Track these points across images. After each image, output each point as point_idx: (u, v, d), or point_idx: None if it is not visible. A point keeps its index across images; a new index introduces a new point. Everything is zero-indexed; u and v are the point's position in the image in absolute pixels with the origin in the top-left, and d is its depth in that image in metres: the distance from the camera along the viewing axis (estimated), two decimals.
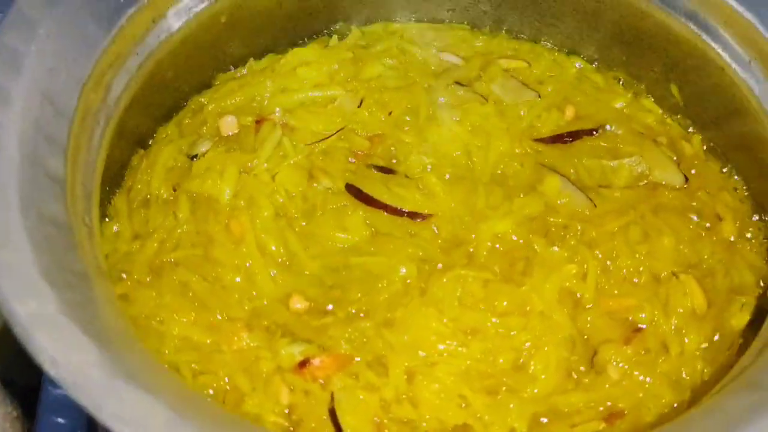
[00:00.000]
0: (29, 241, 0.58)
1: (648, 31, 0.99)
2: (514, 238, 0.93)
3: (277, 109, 1.00)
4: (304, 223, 0.93)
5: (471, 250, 0.92)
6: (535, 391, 0.82)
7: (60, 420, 0.80)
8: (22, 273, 0.56)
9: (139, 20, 0.82)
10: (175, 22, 0.88)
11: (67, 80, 0.72)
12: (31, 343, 0.53)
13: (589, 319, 0.88)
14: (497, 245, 0.93)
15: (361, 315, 0.87)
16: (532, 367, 0.84)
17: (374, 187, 0.96)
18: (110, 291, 0.68)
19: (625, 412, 0.82)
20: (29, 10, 0.72)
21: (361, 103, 1.01)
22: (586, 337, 0.87)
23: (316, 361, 0.82)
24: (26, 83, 0.68)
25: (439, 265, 0.90)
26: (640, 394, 0.82)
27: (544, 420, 0.80)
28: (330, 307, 0.88)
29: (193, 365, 0.83)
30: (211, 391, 0.80)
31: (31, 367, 1.24)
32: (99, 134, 0.77)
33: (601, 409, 0.81)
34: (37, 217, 0.60)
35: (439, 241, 0.93)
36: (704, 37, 0.93)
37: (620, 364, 0.84)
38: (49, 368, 0.52)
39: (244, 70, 1.06)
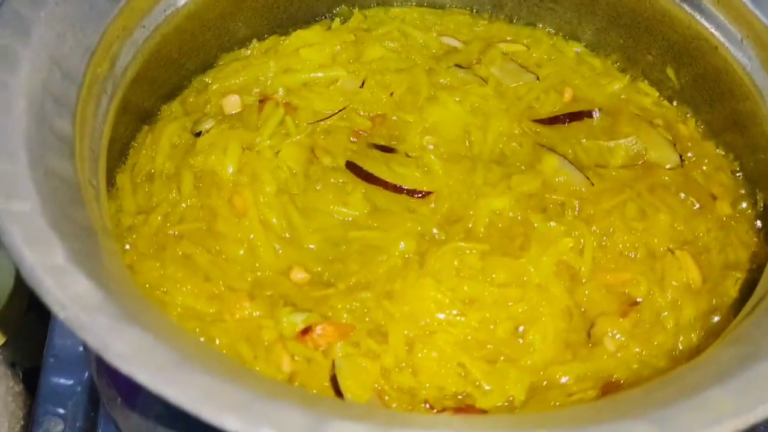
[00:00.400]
0: (37, 192, 0.59)
1: (644, 14, 1.01)
2: (512, 214, 0.94)
3: (280, 88, 1.02)
4: (305, 199, 0.95)
5: (469, 225, 0.94)
6: (535, 357, 0.83)
7: (62, 381, 0.81)
8: (31, 222, 0.57)
9: None
10: None
11: (75, 47, 0.74)
12: (40, 287, 0.54)
13: (586, 292, 0.89)
14: (495, 221, 0.94)
15: (361, 287, 0.88)
16: (530, 338, 0.85)
17: (375, 165, 0.97)
18: (114, 247, 0.69)
19: (621, 382, 0.83)
20: None
21: (363, 84, 1.03)
22: (583, 309, 0.88)
23: (318, 329, 0.83)
24: (34, 47, 0.70)
25: (437, 238, 0.92)
26: (635, 366, 0.83)
27: (542, 387, 0.81)
28: (330, 279, 0.89)
29: (195, 332, 0.84)
30: None
31: (33, 348, 1.25)
32: (106, 102, 0.78)
33: (598, 380, 0.82)
34: (45, 172, 0.61)
35: (438, 216, 0.95)
36: (697, 17, 0.95)
37: (617, 336, 0.85)
38: (58, 311, 0.53)
39: (248, 51, 1.08)
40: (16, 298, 1.20)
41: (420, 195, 0.96)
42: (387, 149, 1.00)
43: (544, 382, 0.82)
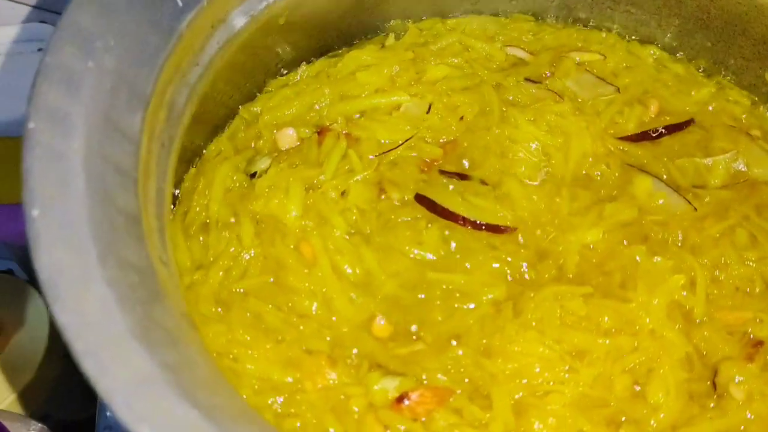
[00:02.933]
0: (113, 293, 0.49)
1: (743, 16, 0.91)
2: (607, 247, 0.85)
3: (339, 118, 0.92)
4: (377, 240, 0.85)
5: (560, 262, 0.85)
6: (660, 417, 0.74)
7: None
8: (111, 334, 0.47)
9: (200, 26, 0.73)
10: (235, 26, 0.79)
11: (129, 99, 0.64)
12: (138, 426, 0.44)
13: (705, 334, 0.80)
14: (588, 256, 0.85)
15: (453, 341, 0.79)
16: (651, 393, 0.76)
17: (448, 196, 0.88)
18: (200, 342, 0.59)
19: None
20: (83, 20, 0.63)
21: (429, 109, 0.93)
22: (704, 353, 0.80)
23: (414, 396, 0.74)
24: (87, 106, 0.59)
25: (527, 279, 0.83)
26: None
27: None
28: (414, 326, 0.80)
29: (276, 409, 0.74)
30: None
31: (69, 401, 1.16)
32: (165, 158, 0.68)
33: None
34: (117, 264, 0.51)
35: (524, 252, 0.86)
36: None
37: (746, 383, 0.76)
38: None
39: (297, 76, 0.98)
40: (54, 352, 1.11)
41: (501, 231, 0.86)
42: (461, 176, 0.90)
43: None
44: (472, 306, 0.81)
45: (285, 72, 0.98)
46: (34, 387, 1.06)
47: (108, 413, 0.90)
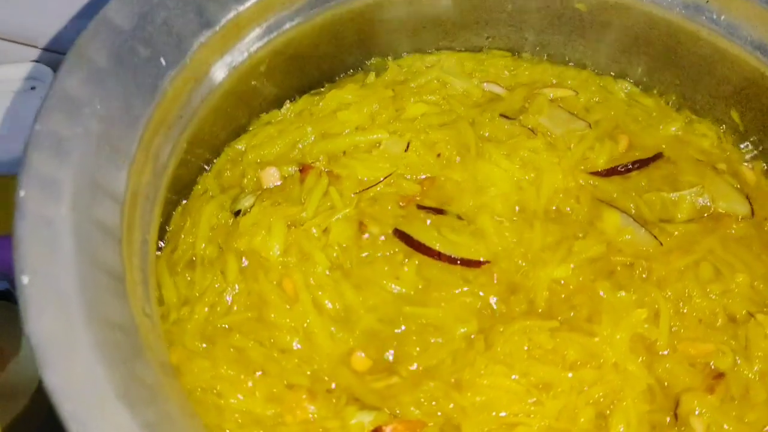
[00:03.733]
0: (99, 357, 0.53)
1: (708, 57, 0.95)
2: (575, 282, 0.89)
3: (321, 156, 0.96)
4: (357, 274, 0.89)
5: (531, 296, 0.88)
6: None
7: None
8: (97, 398, 0.51)
9: (183, 82, 0.77)
10: (217, 78, 0.83)
11: (115, 159, 0.67)
12: None
13: (667, 366, 0.84)
14: (557, 290, 0.89)
15: (427, 374, 0.83)
16: (614, 424, 0.80)
17: (425, 232, 0.91)
18: (181, 395, 0.63)
19: None
20: (71, 86, 0.67)
21: (407, 147, 0.96)
22: (666, 384, 0.83)
23: (388, 430, 0.78)
24: (75, 171, 0.63)
25: (497, 312, 0.87)
26: None
27: None
28: (391, 359, 0.84)
29: None
30: None
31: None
32: (149, 209, 0.72)
33: None
34: (103, 325, 0.55)
35: (495, 285, 0.89)
36: None
37: (706, 415, 0.80)
38: None
39: (280, 115, 1.02)
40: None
41: (475, 266, 0.90)
42: (437, 210, 0.94)
43: None
44: (444, 340, 0.85)
45: (269, 109, 1.02)
46: (30, 413, 1.09)
47: None
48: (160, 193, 0.75)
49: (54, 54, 1.11)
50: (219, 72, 0.83)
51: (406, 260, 0.89)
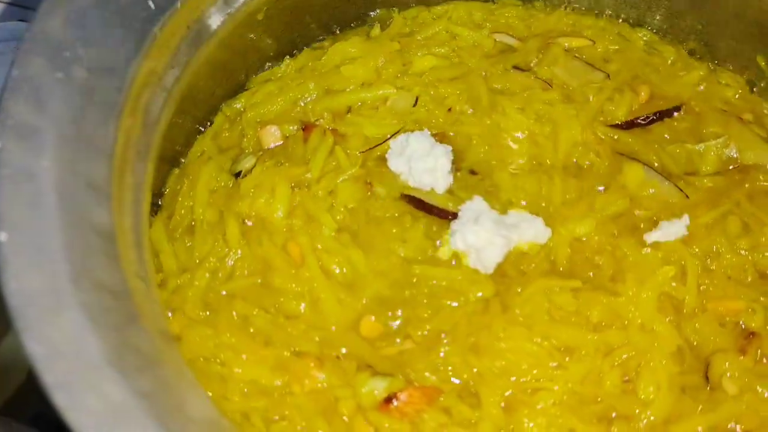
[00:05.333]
0: (87, 319, 0.48)
1: None
2: (597, 239, 0.84)
3: (325, 113, 0.90)
4: (364, 237, 0.84)
5: (551, 256, 0.84)
6: (650, 414, 0.74)
7: None
8: (84, 363, 0.46)
9: (174, 27, 0.71)
10: (211, 25, 0.77)
11: (102, 110, 0.62)
12: None
13: (696, 326, 0.80)
14: (579, 248, 0.84)
15: (443, 338, 0.78)
16: (642, 388, 0.75)
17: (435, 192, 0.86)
18: (180, 362, 0.59)
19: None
20: (51, 29, 0.61)
21: (416, 102, 0.91)
22: (695, 344, 0.79)
23: (402, 397, 0.73)
24: (57, 120, 0.58)
25: (515, 275, 0.82)
26: (766, 412, 0.74)
27: None
28: (402, 324, 0.79)
29: (265, 413, 0.74)
30: None
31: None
32: (141, 167, 0.67)
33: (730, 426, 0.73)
34: (91, 286, 0.50)
35: None
36: None
37: (738, 377, 0.76)
38: None
39: (280, 71, 0.96)
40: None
41: None
42: None
43: None
44: (458, 303, 0.80)
45: (268, 66, 0.97)
46: (27, 387, 1.05)
47: None
48: (152, 150, 0.69)
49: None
50: (214, 19, 0.77)
51: (415, 222, 0.84)
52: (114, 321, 0.50)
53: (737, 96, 0.96)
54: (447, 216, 0.85)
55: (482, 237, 0.81)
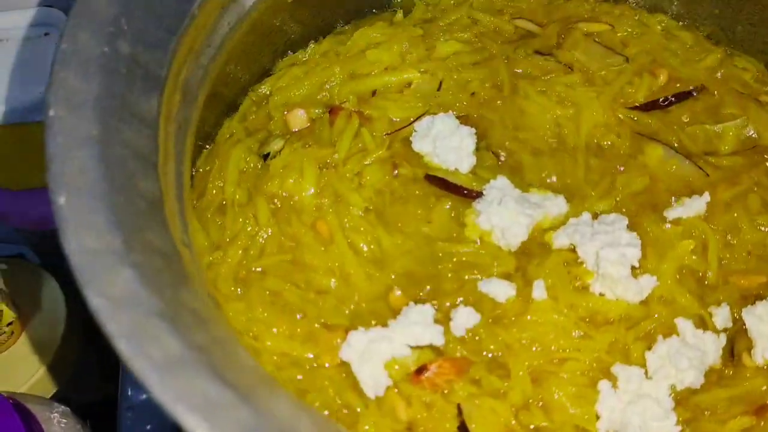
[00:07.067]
0: (140, 278, 0.50)
1: None
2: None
3: (350, 96, 0.92)
4: (391, 216, 0.86)
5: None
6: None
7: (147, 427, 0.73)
8: (141, 317, 0.48)
9: (211, 6, 0.73)
10: (245, 5, 0.79)
11: (145, 83, 0.64)
12: (174, 405, 0.45)
13: (719, 298, 0.81)
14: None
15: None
16: None
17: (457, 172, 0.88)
18: (226, 322, 0.60)
19: None
20: (96, 5, 0.63)
21: (440, 86, 0.93)
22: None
23: (433, 368, 0.75)
24: (104, 91, 0.60)
25: (536, 251, 0.83)
26: None
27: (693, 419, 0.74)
28: (431, 303, 0.80)
29: (297, 384, 0.76)
30: (326, 413, 0.74)
31: (88, 382, 1.18)
32: (182, 140, 0.69)
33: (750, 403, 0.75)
34: (142, 249, 0.52)
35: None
36: None
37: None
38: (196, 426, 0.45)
39: (306, 55, 0.98)
40: (71, 335, 1.13)
41: None
42: None
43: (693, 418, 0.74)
44: (482, 277, 0.82)
45: (293, 50, 0.98)
46: (54, 370, 1.08)
47: (130, 393, 0.92)
48: (191, 125, 0.72)
49: None
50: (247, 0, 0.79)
51: (439, 202, 0.86)
52: (166, 280, 0.52)
53: (754, 79, 0.98)
54: (471, 195, 0.86)
55: (506, 216, 0.83)
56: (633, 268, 0.80)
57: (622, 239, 0.80)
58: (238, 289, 0.81)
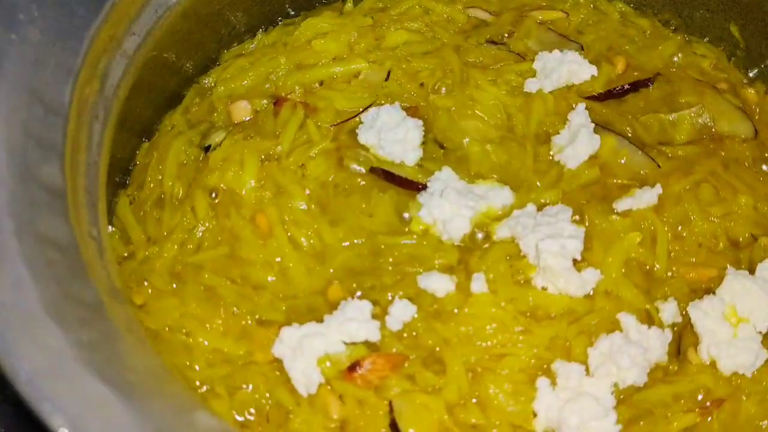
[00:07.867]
0: (29, 271, 0.48)
1: None
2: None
3: (296, 87, 0.90)
4: (333, 209, 0.84)
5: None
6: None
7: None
8: (23, 312, 0.46)
9: None
10: None
11: (56, 71, 0.62)
12: (40, 404, 0.43)
13: (666, 290, 0.78)
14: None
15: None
16: None
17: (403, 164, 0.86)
18: (130, 319, 0.59)
19: (724, 399, 0.73)
20: None
21: (388, 76, 0.91)
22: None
23: (366, 364, 0.73)
24: (9, 79, 0.58)
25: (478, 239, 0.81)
26: (739, 381, 0.73)
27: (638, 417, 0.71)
28: (369, 297, 0.78)
29: (228, 381, 0.74)
30: (252, 410, 0.72)
31: None
32: (99, 130, 0.67)
33: (700, 397, 0.73)
34: (34, 240, 0.50)
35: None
36: None
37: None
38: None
39: (252, 45, 0.96)
40: None
41: None
42: None
43: (639, 418, 0.72)
44: (423, 270, 0.79)
45: (240, 41, 0.96)
46: None
47: None
48: (111, 116, 0.69)
49: None
50: None
51: (382, 195, 0.84)
52: (57, 273, 0.50)
53: (712, 66, 0.95)
54: (416, 187, 0.84)
55: (447, 209, 0.80)
56: (576, 261, 0.77)
57: (564, 231, 0.77)
58: (173, 284, 0.79)
